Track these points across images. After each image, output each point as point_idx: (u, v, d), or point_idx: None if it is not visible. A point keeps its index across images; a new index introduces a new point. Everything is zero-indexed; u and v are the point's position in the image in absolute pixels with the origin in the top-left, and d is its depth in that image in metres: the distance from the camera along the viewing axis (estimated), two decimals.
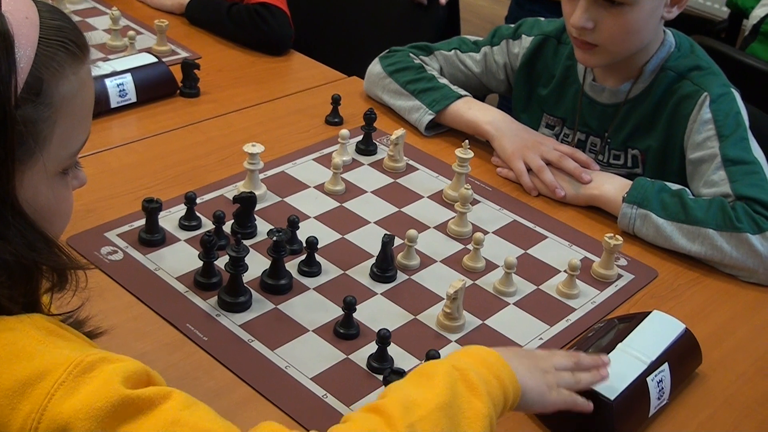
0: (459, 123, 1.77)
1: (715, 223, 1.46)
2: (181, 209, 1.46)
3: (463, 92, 1.78)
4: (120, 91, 1.74)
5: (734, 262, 1.45)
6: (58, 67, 0.85)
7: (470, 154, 1.55)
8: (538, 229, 1.54)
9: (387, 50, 1.88)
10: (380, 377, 1.19)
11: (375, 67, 1.87)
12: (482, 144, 1.78)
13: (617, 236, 1.41)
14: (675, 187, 1.54)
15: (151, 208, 1.38)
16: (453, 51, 1.86)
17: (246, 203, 1.42)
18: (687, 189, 1.54)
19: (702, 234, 1.46)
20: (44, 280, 0.88)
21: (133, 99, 1.77)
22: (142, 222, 1.40)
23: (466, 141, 1.56)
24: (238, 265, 1.27)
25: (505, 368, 0.99)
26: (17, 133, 0.82)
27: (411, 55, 1.85)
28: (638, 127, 1.70)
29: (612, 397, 1.09)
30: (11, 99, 0.81)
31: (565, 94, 1.78)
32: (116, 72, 1.75)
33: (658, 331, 1.22)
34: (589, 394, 1.10)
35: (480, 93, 1.82)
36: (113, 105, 1.74)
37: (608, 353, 1.17)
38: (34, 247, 0.85)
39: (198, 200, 1.48)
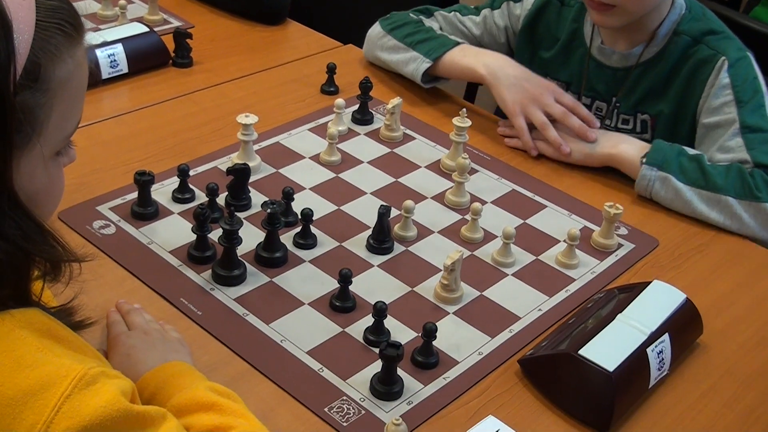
0: (455, 71, 1.73)
1: (734, 191, 1.46)
2: (174, 182, 1.46)
3: (460, 40, 1.76)
4: (111, 61, 1.73)
5: (751, 231, 1.47)
6: (55, 51, 0.83)
7: (468, 123, 1.54)
8: (537, 198, 1.53)
9: (388, 14, 1.87)
10: (377, 350, 1.18)
11: (374, 28, 1.85)
12: (480, 112, 1.77)
13: (617, 205, 1.41)
14: (692, 151, 1.53)
15: (144, 181, 1.37)
16: (453, 13, 1.85)
17: (240, 175, 1.41)
18: (704, 155, 1.53)
19: (722, 201, 1.47)
20: (35, 269, 0.88)
21: (125, 70, 1.76)
22: (135, 195, 1.40)
23: (464, 110, 1.55)
24: (231, 238, 1.26)
25: (190, 366, 1.08)
26: (15, 121, 0.80)
27: (411, 15, 1.83)
28: (650, 91, 1.68)
29: (611, 369, 1.09)
30: (10, 86, 0.78)
31: (570, 58, 1.76)
32: (107, 42, 1.73)
33: (658, 301, 1.22)
34: (588, 366, 1.10)
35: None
36: (104, 76, 1.72)
37: (608, 324, 1.16)
38: (29, 238, 0.84)
39: (191, 172, 1.47)
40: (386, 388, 1.12)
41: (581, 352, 1.11)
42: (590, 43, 1.72)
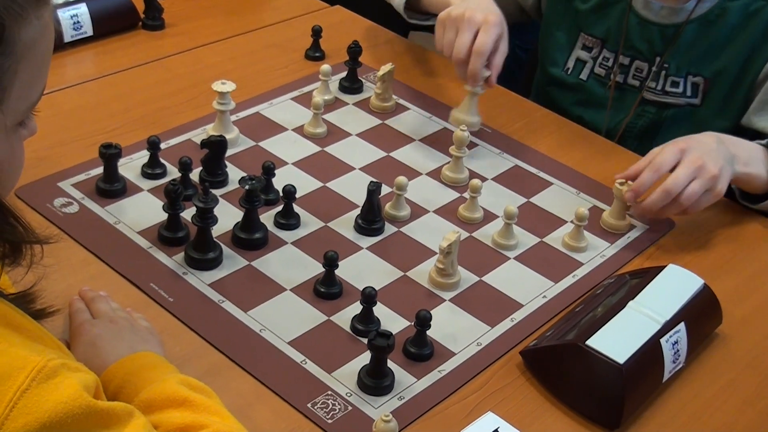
0: (431, 4, 1.68)
1: None
2: (143, 155, 1.44)
3: None
4: (74, 23, 1.71)
5: None
6: (21, 11, 0.81)
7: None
8: (542, 174, 1.52)
9: None
10: (365, 341, 1.18)
11: None
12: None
13: (630, 182, 1.40)
14: None
15: (110, 155, 1.36)
16: None
17: (215, 148, 1.40)
18: None
19: None
20: None
21: (89, 32, 1.74)
22: (100, 170, 1.39)
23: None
24: (206, 217, 1.25)
25: (161, 358, 1.07)
26: None
27: None
28: (707, 49, 1.63)
29: (621, 361, 1.09)
30: None
31: (608, 11, 1.70)
32: (69, 2, 1.72)
33: (673, 288, 1.21)
34: (596, 358, 1.09)
35: (506, 10, 1.70)
36: (67, 39, 1.71)
37: (618, 312, 1.16)
38: None
39: (162, 145, 1.46)
40: (375, 381, 1.12)
41: (589, 342, 1.11)
42: None
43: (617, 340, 1.11)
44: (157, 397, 0.98)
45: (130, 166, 1.43)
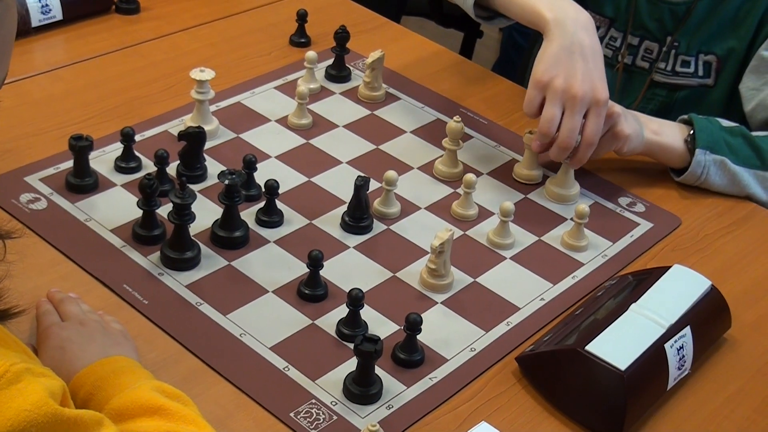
0: (514, 7, 1.52)
1: None
2: (117, 148, 1.44)
3: None
4: (42, 6, 1.70)
5: None
6: None
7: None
8: (539, 167, 1.52)
9: None
10: (351, 346, 1.18)
11: None
12: (478, 70, 1.76)
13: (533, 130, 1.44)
14: (727, 123, 1.52)
15: (80, 147, 1.36)
16: None
17: (193, 140, 1.40)
18: (743, 126, 1.51)
19: None
20: None
21: (59, 16, 1.73)
22: (70, 164, 1.39)
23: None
24: (183, 214, 1.25)
25: (135, 363, 1.08)
26: None
27: None
28: (719, 27, 1.64)
29: (623, 368, 1.09)
30: None
31: None
32: None
33: (679, 289, 1.22)
34: (597, 364, 1.10)
35: None
36: (35, 24, 1.70)
37: (619, 316, 1.16)
38: None
39: (137, 137, 1.46)
40: (362, 389, 1.12)
41: (588, 347, 1.11)
42: None
43: (619, 345, 1.12)
44: (129, 405, 0.98)
45: (102, 160, 1.44)
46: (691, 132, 1.50)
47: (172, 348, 1.17)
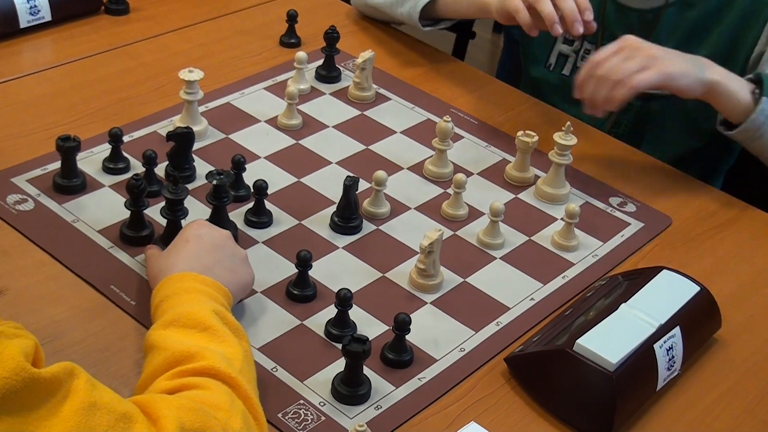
0: (461, 5, 1.67)
1: None
2: (105, 149, 1.44)
3: None
4: (31, 7, 1.70)
5: None
6: None
7: (573, 141, 1.44)
8: (531, 169, 1.52)
9: None
10: (340, 346, 1.18)
11: None
12: (470, 70, 1.76)
13: (529, 132, 1.45)
14: None
15: (68, 148, 1.35)
16: None
17: (181, 140, 1.40)
18: None
19: None
20: None
21: (48, 17, 1.73)
22: (58, 165, 1.38)
23: (568, 123, 1.45)
24: (176, 210, 1.25)
25: (222, 290, 1.14)
26: None
27: None
28: (686, 35, 1.65)
29: (612, 368, 1.09)
30: None
31: None
32: None
33: (669, 290, 1.22)
34: (585, 364, 1.10)
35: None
36: (23, 25, 1.69)
37: (610, 315, 1.16)
38: None
39: (126, 138, 1.46)
40: (350, 390, 1.12)
41: (577, 348, 1.11)
42: None
43: (607, 345, 1.11)
44: (183, 316, 1.05)
45: (90, 161, 1.43)
46: (757, 88, 1.46)
47: None
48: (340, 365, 1.14)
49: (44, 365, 0.85)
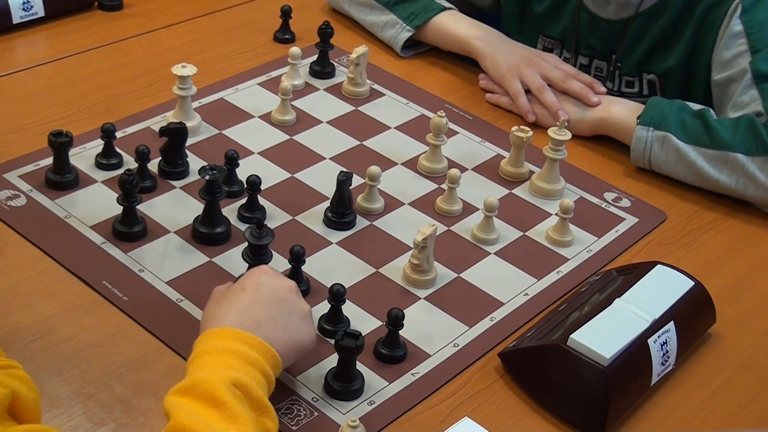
0: (442, 39, 1.75)
1: (744, 147, 1.43)
2: (98, 145, 1.44)
3: (446, 4, 1.76)
4: (24, 3, 1.70)
5: None
6: None
7: (568, 136, 1.45)
8: (526, 164, 1.52)
9: None
10: (333, 341, 1.17)
11: None
12: (464, 64, 1.75)
13: (523, 127, 1.47)
14: (697, 106, 1.52)
15: (60, 143, 1.35)
16: None
17: (174, 136, 1.39)
18: (710, 109, 1.52)
19: (731, 160, 1.44)
20: None
21: (41, 13, 1.73)
22: (50, 161, 1.38)
23: (562, 118, 1.48)
24: (259, 255, 1.23)
25: (266, 351, 1.02)
26: None
27: None
28: (654, 45, 1.67)
29: (606, 363, 1.09)
30: None
31: (562, 10, 1.75)
32: None
33: (663, 285, 1.21)
34: (579, 359, 1.09)
35: (462, 10, 1.79)
36: (16, 20, 1.69)
37: (604, 309, 1.16)
38: None
39: (119, 134, 1.45)
40: (343, 385, 1.11)
41: (571, 342, 1.10)
42: None
43: (601, 340, 1.11)
44: (198, 385, 0.95)
45: (83, 156, 1.43)
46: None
47: (152, 345, 1.16)
48: (333, 361, 1.14)
49: (31, 407, 0.84)
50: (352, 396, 1.12)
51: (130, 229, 1.30)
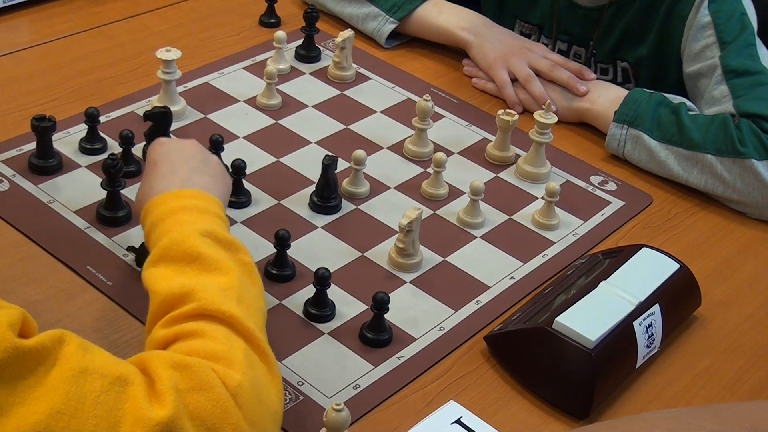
0: (427, 31, 1.74)
1: (714, 147, 1.43)
2: (81, 129, 1.43)
3: None
4: None
5: (739, 196, 1.43)
6: None
7: (554, 119, 1.45)
8: (512, 148, 1.52)
9: None
10: (319, 326, 1.18)
11: None
12: (450, 48, 1.75)
13: (508, 110, 1.48)
14: (677, 99, 1.52)
15: (43, 128, 1.34)
16: None
17: (159, 120, 1.37)
18: (687, 102, 1.52)
19: (700, 160, 1.44)
20: None
21: None
22: (33, 145, 1.37)
23: (549, 102, 1.46)
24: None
25: (208, 198, 1.09)
26: None
27: None
28: (626, 34, 1.68)
29: (591, 345, 1.09)
30: None
31: None
32: None
33: (649, 268, 1.22)
34: (564, 342, 1.09)
35: None
36: (0, 5, 1.70)
37: (589, 292, 1.16)
38: None
39: (103, 118, 1.45)
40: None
41: (556, 325, 1.10)
42: None
43: (586, 322, 1.11)
44: (172, 247, 1.01)
45: (66, 141, 1.42)
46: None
47: (136, 329, 1.16)
48: (318, 345, 1.14)
49: (37, 334, 0.84)
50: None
51: (114, 213, 1.29)
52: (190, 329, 0.94)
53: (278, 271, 1.24)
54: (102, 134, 1.42)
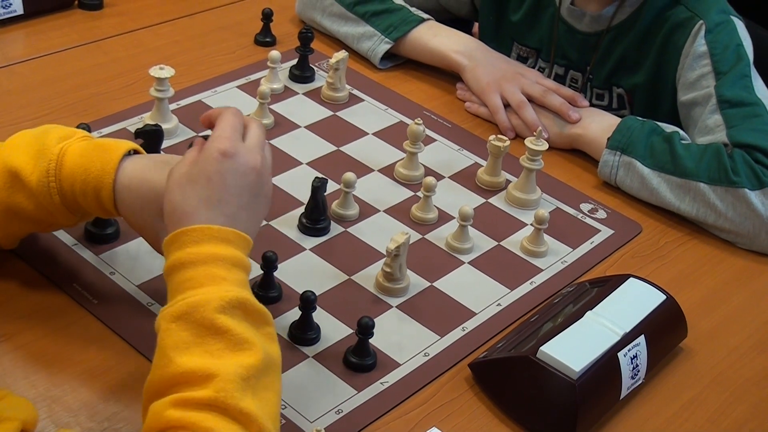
0: (422, 53, 1.74)
1: (707, 176, 1.43)
2: None
3: (425, 15, 1.75)
4: (3, 0, 1.69)
5: (730, 225, 1.43)
6: None
7: (545, 146, 1.45)
8: (503, 174, 1.52)
9: None
10: (304, 349, 1.17)
11: None
12: (443, 71, 1.75)
13: (500, 136, 1.47)
14: (669, 128, 1.52)
15: None
16: None
17: (150, 138, 1.38)
18: (680, 131, 1.52)
19: (692, 189, 1.44)
20: None
21: (19, 11, 1.72)
22: None
23: (540, 129, 1.46)
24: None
25: (245, 242, 1.03)
26: None
27: None
28: (623, 60, 1.68)
29: (575, 376, 1.09)
30: None
31: (539, 20, 1.75)
32: None
33: (635, 298, 1.21)
34: (548, 371, 1.09)
35: (438, 18, 1.79)
36: None
37: (575, 322, 1.16)
38: None
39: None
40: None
41: (540, 355, 1.10)
42: (560, 3, 1.70)
43: (571, 352, 1.10)
44: (198, 311, 0.94)
45: None
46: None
47: (121, 348, 1.16)
48: (302, 368, 1.13)
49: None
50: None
51: (102, 231, 1.29)
52: (199, 422, 0.88)
53: (264, 293, 1.23)
54: None
